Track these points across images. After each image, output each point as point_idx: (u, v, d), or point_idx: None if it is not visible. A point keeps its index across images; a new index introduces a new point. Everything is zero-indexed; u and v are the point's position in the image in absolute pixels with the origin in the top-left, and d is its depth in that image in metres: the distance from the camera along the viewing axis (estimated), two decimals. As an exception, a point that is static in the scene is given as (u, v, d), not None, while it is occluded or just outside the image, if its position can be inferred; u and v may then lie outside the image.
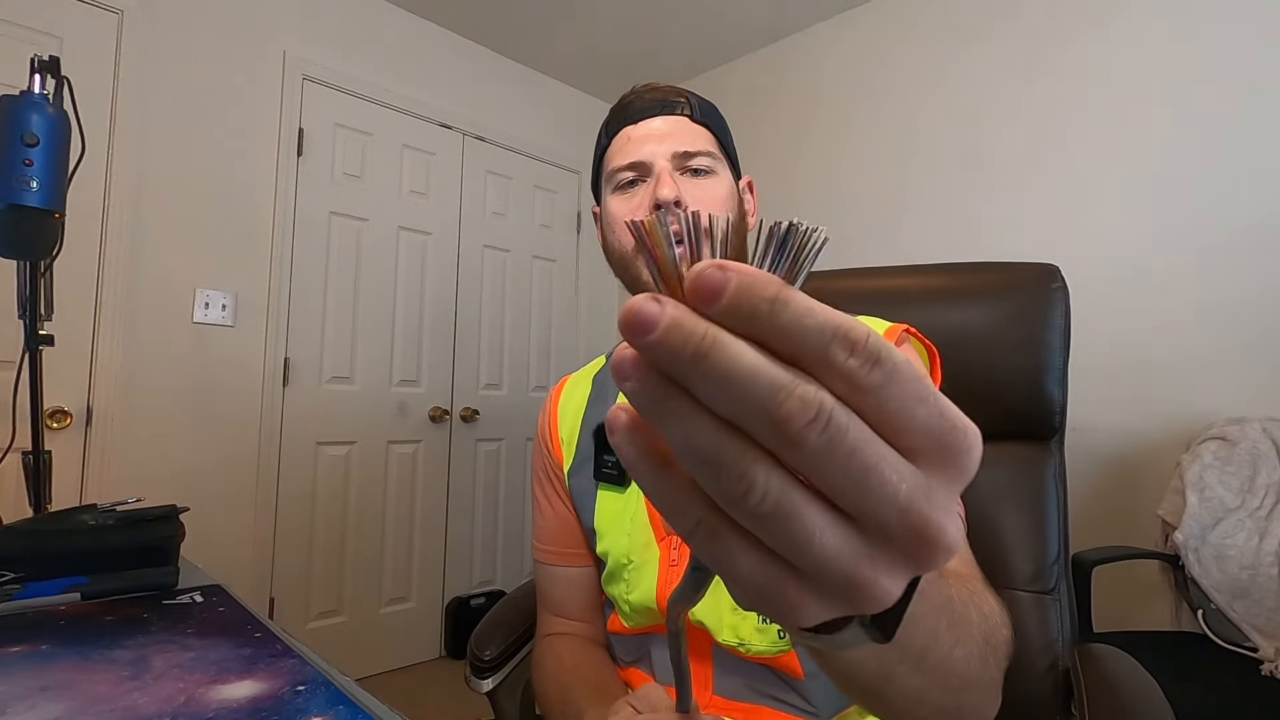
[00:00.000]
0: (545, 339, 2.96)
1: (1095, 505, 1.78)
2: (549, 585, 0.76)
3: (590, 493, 0.70)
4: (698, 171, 0.65)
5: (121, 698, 0.43)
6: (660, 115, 0.67)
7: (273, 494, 2.13)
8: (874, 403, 0.16)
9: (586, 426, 0.73)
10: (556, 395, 0.79)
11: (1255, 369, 1.60)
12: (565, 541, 0.74)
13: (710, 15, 2.53)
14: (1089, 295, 1.79)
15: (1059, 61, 1.97)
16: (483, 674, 0.81)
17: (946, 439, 0.16)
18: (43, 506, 0.98)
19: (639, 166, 0.65)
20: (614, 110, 0.70)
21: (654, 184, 0.63)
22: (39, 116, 0.86)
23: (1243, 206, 1.65)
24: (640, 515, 0.67)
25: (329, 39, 2.32)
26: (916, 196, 2.25)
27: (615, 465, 0.68)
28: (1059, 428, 0.88)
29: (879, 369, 0.16)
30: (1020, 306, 0.89)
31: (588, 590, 0.74)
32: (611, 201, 0.68)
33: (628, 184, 0.66)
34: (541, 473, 0.77)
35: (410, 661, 2.44)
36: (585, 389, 0.77)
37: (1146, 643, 1.34)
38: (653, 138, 0.65)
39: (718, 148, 0.68)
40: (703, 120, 0.68)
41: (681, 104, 0.67)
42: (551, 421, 0.77)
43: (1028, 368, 0.87)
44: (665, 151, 0.64)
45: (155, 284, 1.93)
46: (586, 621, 0.75)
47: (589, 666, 0.69)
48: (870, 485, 0.16)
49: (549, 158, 2.97)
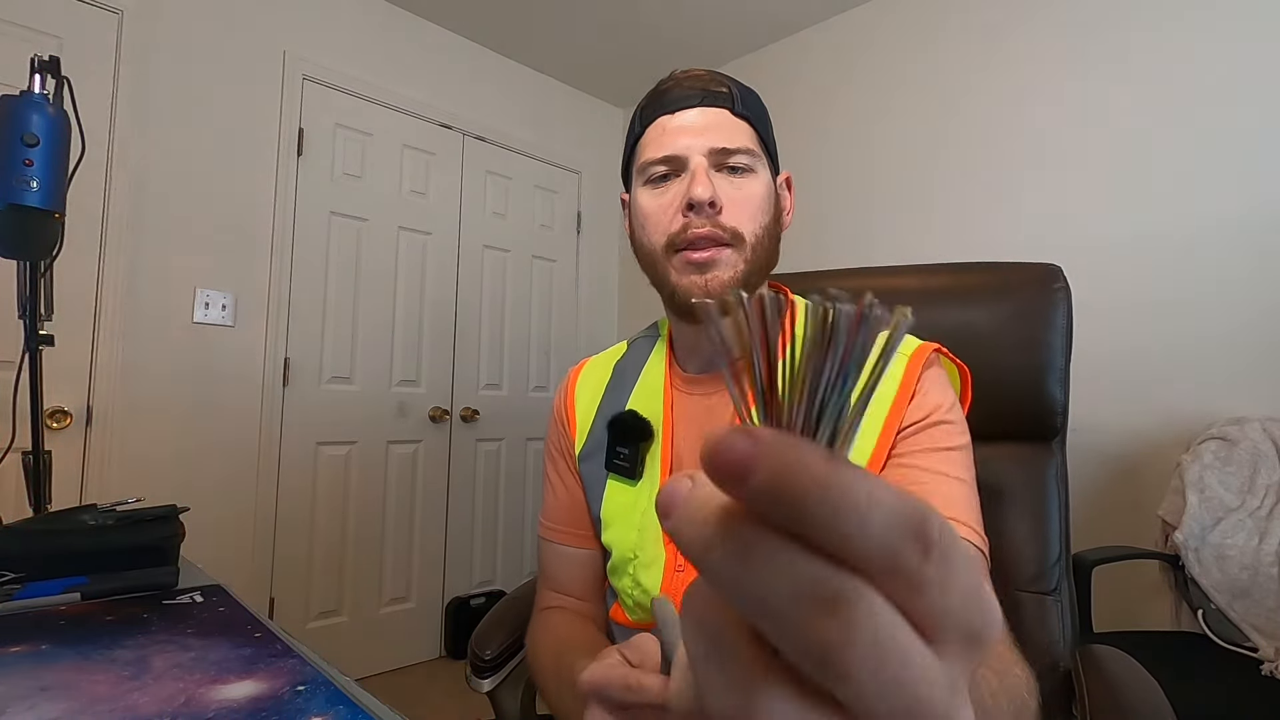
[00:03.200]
0: (545, 339, 2.96)
1: (1096, 505, 1.78)
2: (552, 562, 0.75)
3: (600, 481, 0.70)
4: (735, 169, 0.62)
5: (121, 698, 0.43)
6: (700, 106, 0.63)
7: (273, 494, 2.13)
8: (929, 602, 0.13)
9: (601, 414, 0.72)
10: (575, 375, 0.78)
11: (1255, 369, 1.59)
12: (573, 521, 0.73)
13: (711, 14, 2.53)
14: (1089, 295, 1.78)
15: (1064, 63, 1.97)
16: (483, 673, 0.81)
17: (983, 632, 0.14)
18: (43, 506, 0.98)
19: (673, 161, 0.62)
20: (650, 95, 0.66)
21: (689, 181, 0.60)
22: (39, 116, 0.86)
23: (1243, 206, 1.64)
24: (650, 511, 0.65)
25: (329, 39, 2.31)
26: (916, 195, 2.25)
27: (627, 458, 0.67)
28: (1061, 428, 0.88)
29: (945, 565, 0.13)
30: (1022, 307, 0.89)
31: (590, 571, 0.73)
32: (642, 195, 0.65)
33: (660, 178, 0.63)
34: (555, 449, 0.77)
35: (410, 661, 2.44)
36: (604, 375, 0.76)
37: (1146, 643, 1.34)
38: (690, 130, 0.62)
39: (758, 143, 0.64)
40: (744, 113, 0.63)
41: (723, 95, 0.63)
42: (568, 400, 0.76)
43: (1030, 368, 0.87)
44: (702, 146, 0.61)
45: (155, 284, 1.93)
46: (586, 600, 0.74)
47: (584, 636, 0.68)
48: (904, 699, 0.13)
49: (549, 158, 2.97)
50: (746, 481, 0.13)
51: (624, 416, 0.68)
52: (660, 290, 0.66)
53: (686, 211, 0.60)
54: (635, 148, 0.67)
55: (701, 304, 0.17)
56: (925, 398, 0.59)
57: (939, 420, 0.58)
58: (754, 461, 0.13)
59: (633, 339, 0.80)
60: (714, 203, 0.59)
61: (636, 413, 0.68)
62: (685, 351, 0.71)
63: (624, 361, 0.76)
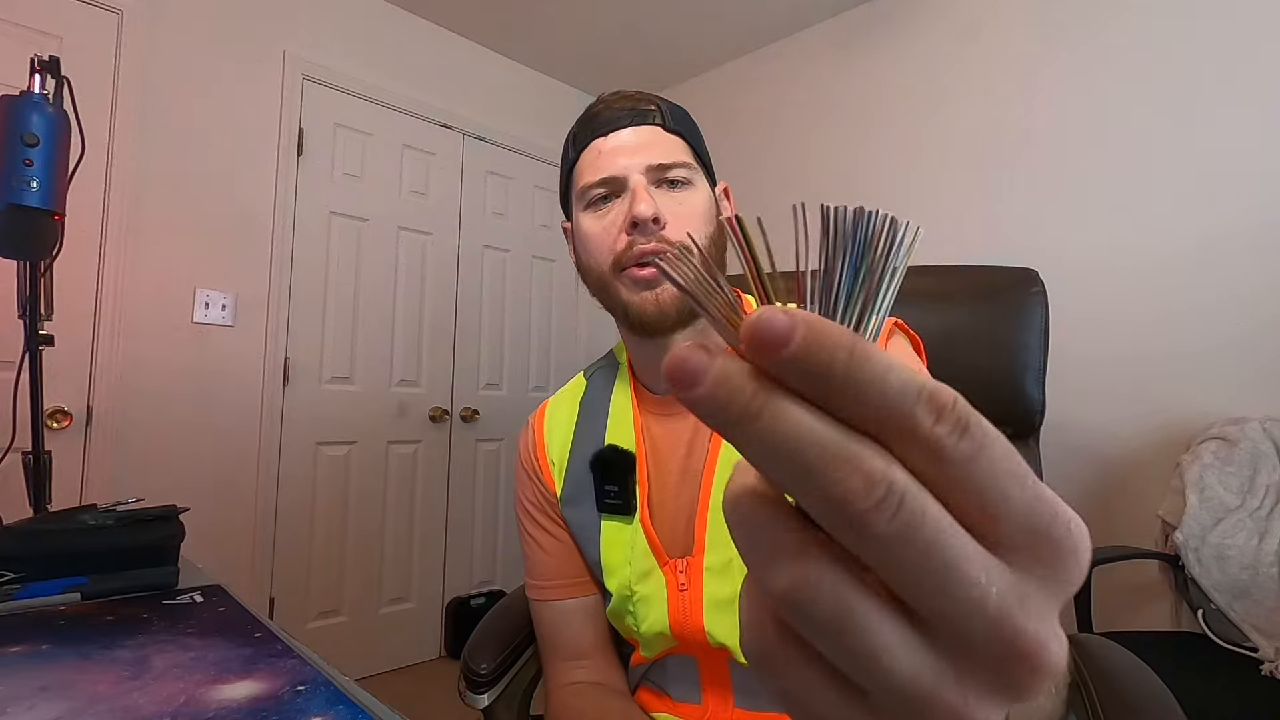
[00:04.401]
0: (545, 339, 2.96)
1: (1095, 505, 1.78)
2: (555, 626, 0.71)
3: (593, 525, 0.67)
4: (675, 184, 0.62)
5: (121, 698, 0.43)
6: (631, 125, 0.62)
7: (273, 494, 2.13)
8: (960, 482, 0.13)
9: (577, 454, 0.70)
10: (540, 421, 0.75)
11: (1255, 369, 1.59)
12: (568, 572, 0.71)
13: (709, 14, 2.53)
14: (1089, 296, 1.79)
15: (1049, 64, 1.97)
16: (479, 689, 0.78)
17: (1048, 531, 0.14)
18: (43, 506, 0.98)
19: (612, 182, 0.61)
20: (580, 121, 0.66)
21: (630, 200, 0.60)
22: (39, 116, 0.86)
23: (1242, 205, 1.64)
24: (640, 543, 0.64)
25: (329, 39, 2.31)
26: (900, 199, 2.25)
27: (618, 494, 0.65)
28: (1038, 427, 0.91)
29: (968, 439, 0.13)
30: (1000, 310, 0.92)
31: (599, 620, 0.70)
32: (584, 219, 0.64)
33: (600, 200, 0.63)
34: (530, 504, 0.73)
35: (410, 661, 2.44)
36: (571, 414, 0.73)
37: (1146, 643, 1.34)
38: (624, 150, 0.61)
39: (692, 156, 0.64)
40: (675, 128, 0.64)
41: (653, 112, 0.63)
42: (538, 449, 0.73)
43: (1008, 369, 0.90)
44: (639, 165, 0.61)
45: (155, 284, 1.93)
46: (601, 658, 0.71)
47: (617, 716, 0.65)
48: (952, 588, 0.13)
49: (549, 158, 2.96)
50: (785, 348, 0.13)
51: (605, 453, 0.67)
52: (613, 312, 0.64)
53: (630, 230, 0.60)
54: (572, 174, 0.66)
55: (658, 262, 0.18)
56: None
57: None
58: (792, 331, 0.13)
59: (589, 372, 0.77)
60: (658, 218, 0.59)
61: (617, 446, 0.66)
62: (650, 371, 0.68)
63: (588, 396, 0.73)
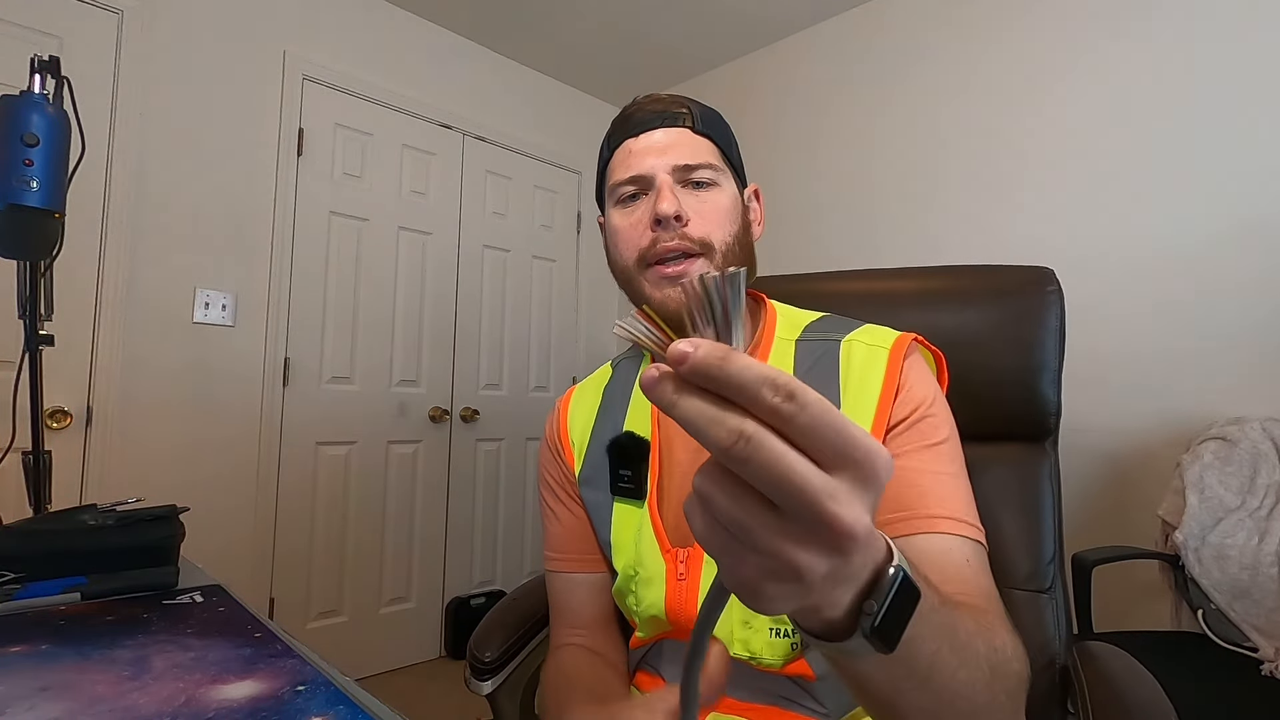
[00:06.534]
0: (545, 339, 2.96)
1: (1096, 505, 1.78)
2: (563, 594, 0.74)
3: (606, 506, 0.70)
4: (699, 184, 0.65)
5: (121, 698, 0.44)
6: (661, 127, 0.66)
7: (273, 494, 2.13)
8: (796, 429, 0.22)
9: (597, 439, 0.73)
10: (566, 402, 0.79)
11: (1255, 369, 1.60)
12: (580, 548, 0.73)
13: (710, 14, 2.53)
14: (1090, 296, 1.79)
15: (1060, 65, 1.97)
16: (483, 675, 0.81)
17: (846, 450, 0.22)
18: (43, 506, 0.98)
19: (640, 180, 0.65)
20: (615, 122, 0.70)
21: (654, 198, 0.63)
22: (39, 116, 0.86)
23: (1242, 206, 1.64)
24: (646, 529, 0.66)
25: (329, 39, 2.32)
26: (914, 199, 2.25)
27: (631, 479, 0.68)
28: (1054, 429, 0.89)
29: (793, 402, 0.22)
30: (1016, 309, 0.89)
31: (604, 596, 0.73)
32: (614, 215, 0.68)
33: (629, 198, 0.66)
34: (551, 479, 0.77)
35: (410, 661, 2.44)
36: (594, 400, 0.77)
37: (1146, 643, 1.34)
38: (653, 150, 0.65)
39: (720, 158, 0.67)
40: (705, 131, 0.67)
41: (683, 115, 0.67)
42: (561, 428, 0.77)
43: (1023, 369, 0.87)
44: (665, 165, 0.64)
45: (155, 284, 1.93)
46: (600, 631, 0.74)
47: (591, 675, 0.68)
48: (787, 486, 0.22)
49: (549, 158, 2.97)
50: (682, 365, 0.23)
51: (621, 439, 0.70)
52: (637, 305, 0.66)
53: (654, 226, 0.63)
54: (605, 172, 0.70)
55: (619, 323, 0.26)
56: (910, 392, 0.61)
57: (924, 415, 0.59)
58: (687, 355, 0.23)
59: (616, 361, 0.81)
60: (679, 216, 0.62)
61: (634, 434, 0.69)
62: None
63: (612, 384, 0.77)
